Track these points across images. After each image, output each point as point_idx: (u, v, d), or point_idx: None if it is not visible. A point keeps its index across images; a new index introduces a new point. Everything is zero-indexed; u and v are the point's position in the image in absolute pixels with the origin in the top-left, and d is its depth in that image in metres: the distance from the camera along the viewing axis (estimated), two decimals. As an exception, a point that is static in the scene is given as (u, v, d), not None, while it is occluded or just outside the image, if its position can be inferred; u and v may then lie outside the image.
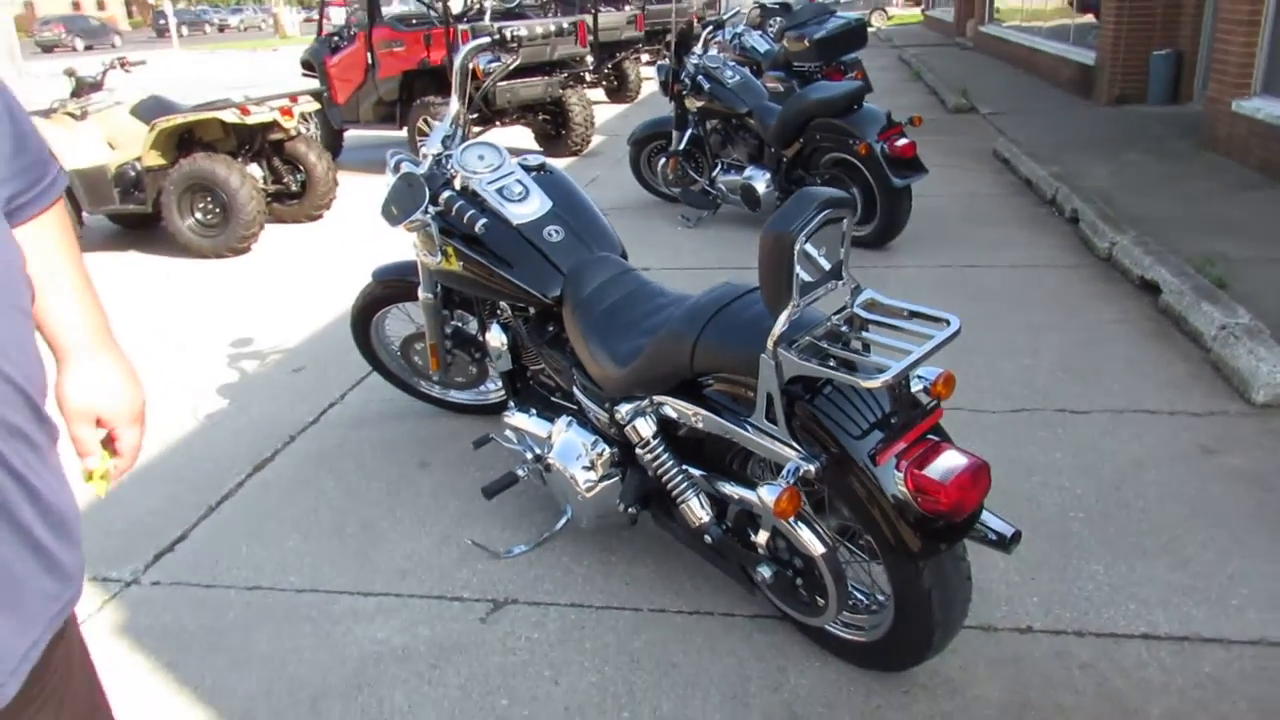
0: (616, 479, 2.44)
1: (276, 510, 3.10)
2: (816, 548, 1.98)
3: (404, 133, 8.68)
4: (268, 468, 3.39)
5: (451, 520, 2.98)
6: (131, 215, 6.73)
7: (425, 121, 8.34)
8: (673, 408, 2.21)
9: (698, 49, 6.26)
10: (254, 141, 6.59)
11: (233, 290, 5.60)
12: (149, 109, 6.47)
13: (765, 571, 2.13)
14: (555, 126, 9.19)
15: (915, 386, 1.99)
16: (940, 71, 13.60)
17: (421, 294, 3.04)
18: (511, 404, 2.81)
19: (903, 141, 5.13)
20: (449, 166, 2.74)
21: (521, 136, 9.82)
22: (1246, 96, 7.07)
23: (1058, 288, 4.74)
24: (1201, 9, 9.32)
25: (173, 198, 6.17)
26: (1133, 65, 9.87)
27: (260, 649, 2.44)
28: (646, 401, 2.26)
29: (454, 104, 2.88)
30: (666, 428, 2.29)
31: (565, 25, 8.60)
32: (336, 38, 9.13)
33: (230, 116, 6.11)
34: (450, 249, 2.66)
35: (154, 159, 6.25)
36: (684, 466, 2.25)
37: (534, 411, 2.71)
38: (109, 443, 1.34)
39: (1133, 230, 5.16)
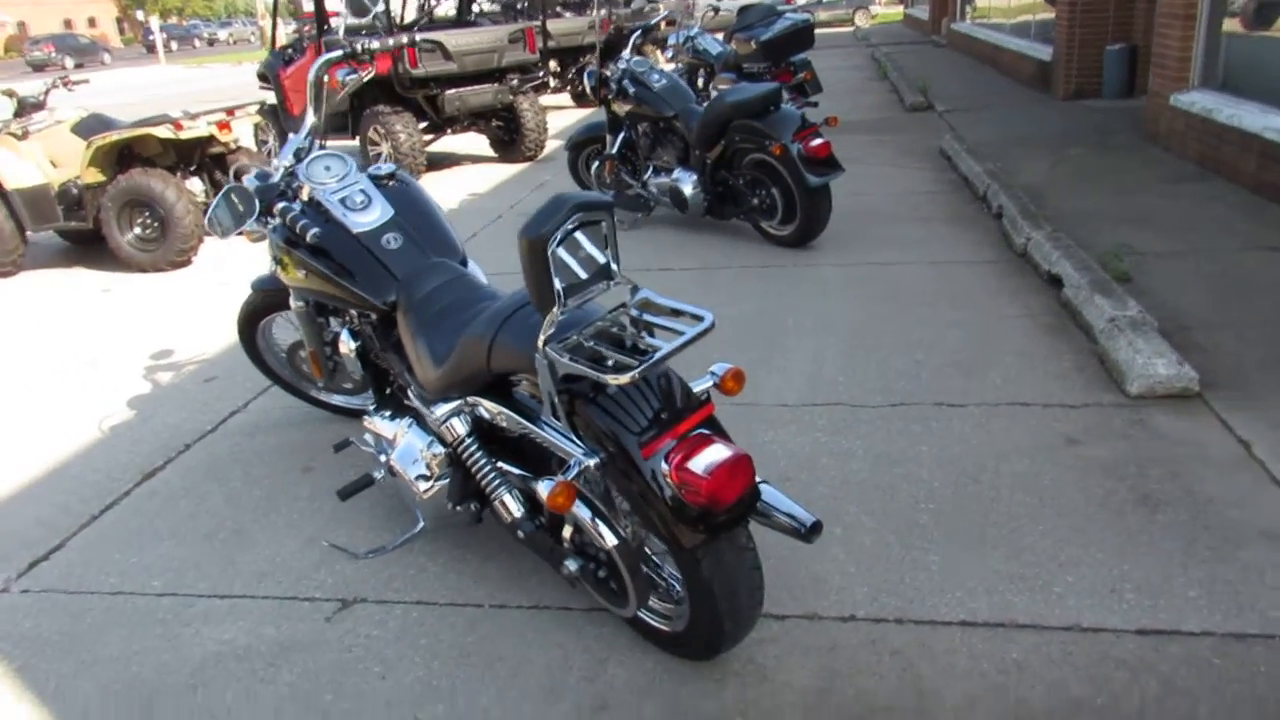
0: (449, 480, 2.49)
1: (156, 517, 3.16)
2: (609, 540, 2.03)
3: (356, 141, 8.74)
4: (157, 476, 3.45)
5: (323, 523, 3.03)
6: (77, 232, 6.80)
7: (375, 130, 8.41)
8: (485, 408, 2.27)
9: (625, 53, 6.32)
10: (193, 156, 6.66)
11: (167, 303, 5.67)
12: (89, 127, 6.54)
13: (571, 565, 2.19)
14: (508, 133, 9.27)
15: (704, 383, 2.05)
16: (907, 70, 13.65)
17: (293, 302, 3.09)
18: (371, 407, 2.87)
19: (817, 142, 5.18)
20: (298, 178, 2.80)
21: (477, 143, 9.90)
22: (1184, 90, 7.12)
23: (969, 283, 4.79)
24: (1154, 2, 9.37)
25: (111, 213, 6.25)
26: (1087, 60, 9.92)
27: (109, 652, 2.50)
28: (461, 402, 2.32)
29: (309, 117, 2.94)
30: (488, 428, 2.35)
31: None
32: (290, 50, 9.21)
33: (164, 132, 6.18)
34: (286, 259, 2.72)
35: (93, 176, 6.32)
36: (498, 464, 2.31)
37: (387, 414, 2.76)
38: None
39: (1049, 225, 5.21)
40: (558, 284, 1.81)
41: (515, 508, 2.26)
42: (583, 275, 1.86)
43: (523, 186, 8.17)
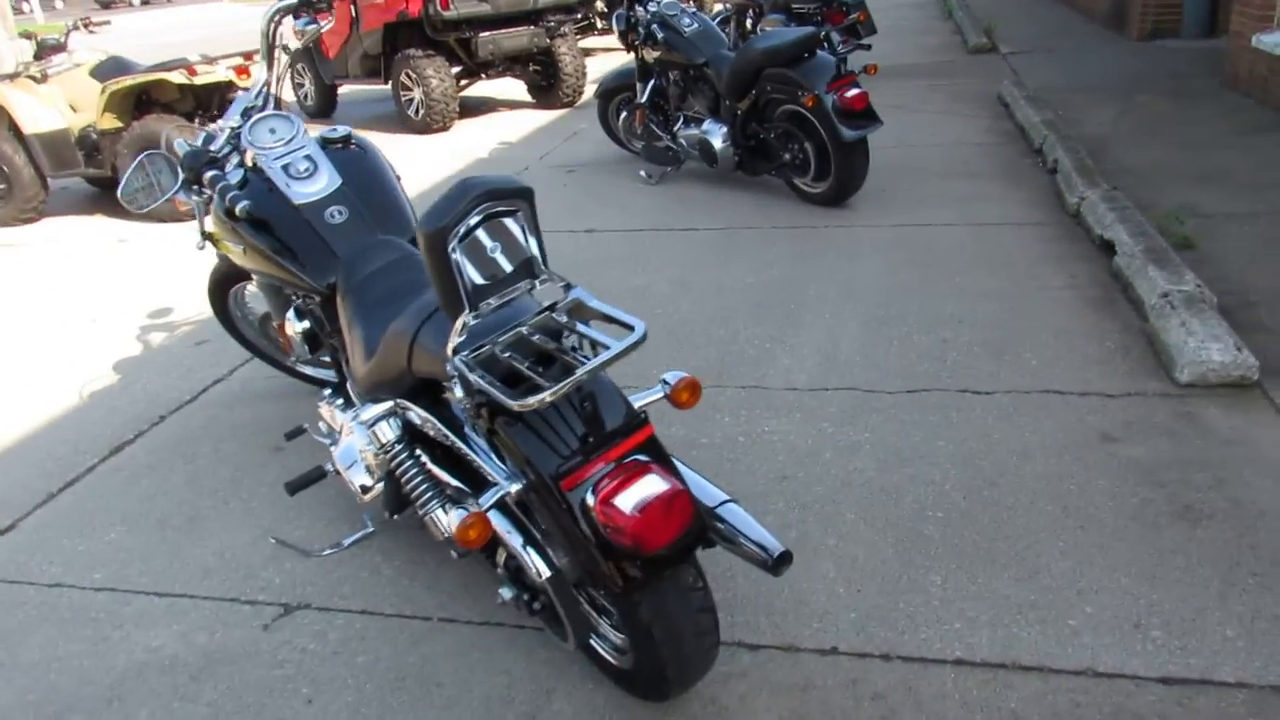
0: (385, 487, 2.26)
1: (114, 498, 3.00)
2: (542, 571, 1.78)
3: (389, 87, 8.48)
4: (125, 450, 3.29)
5: (282, 512, 2.84)
6: (99, 178, 6.69)
7: (407, 75, 8.14)
8: (415, 414, 2.02)
9: (656, -6, 5.91)
10: (212, 101, 6.46)
11: (179, 256, 5.51)
12: (107, 70, 6.37)
13: (505, 594, 1.94)
14: (546, 78, 8.92)
15: (653, 394, 1.78)
16: (977, 8, 12.89)
17: (255, 274, 2.87)
18: (327, 390, 2.64)
19: (853, 92, 4.78)
20: (242, 142, 2.54)
21: (515, 88, 9.57)
22: (1269, 30, 6.49)
23: (1012, 249, 4.39)
24: (1241, -68, 8.60)
25: (127, 160, 6.09)
26: (1167, -4, 9.19)
27: (32, 655, 2.34)
28: (392, 404, 2.07)
29: (261, 72, 2.68)
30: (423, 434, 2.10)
31: None
32: (324, -10, 8.92)
33: (178, 78, 5.99)
34: (220, 232, 2.48)
35: (109, 121, 6.18)
36: (432, 475, 2.06)
37: (340, 401, 2.53)
38: None
39: (1106, 183, 4.76)
40: (465, 284, 1.54)
41: (446, 526, 2.02)
42: (500, 272, 1.58)
43: (556, 135, 7.85)
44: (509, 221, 1.56)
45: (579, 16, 9.36)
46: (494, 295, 1.59)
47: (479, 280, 1.56)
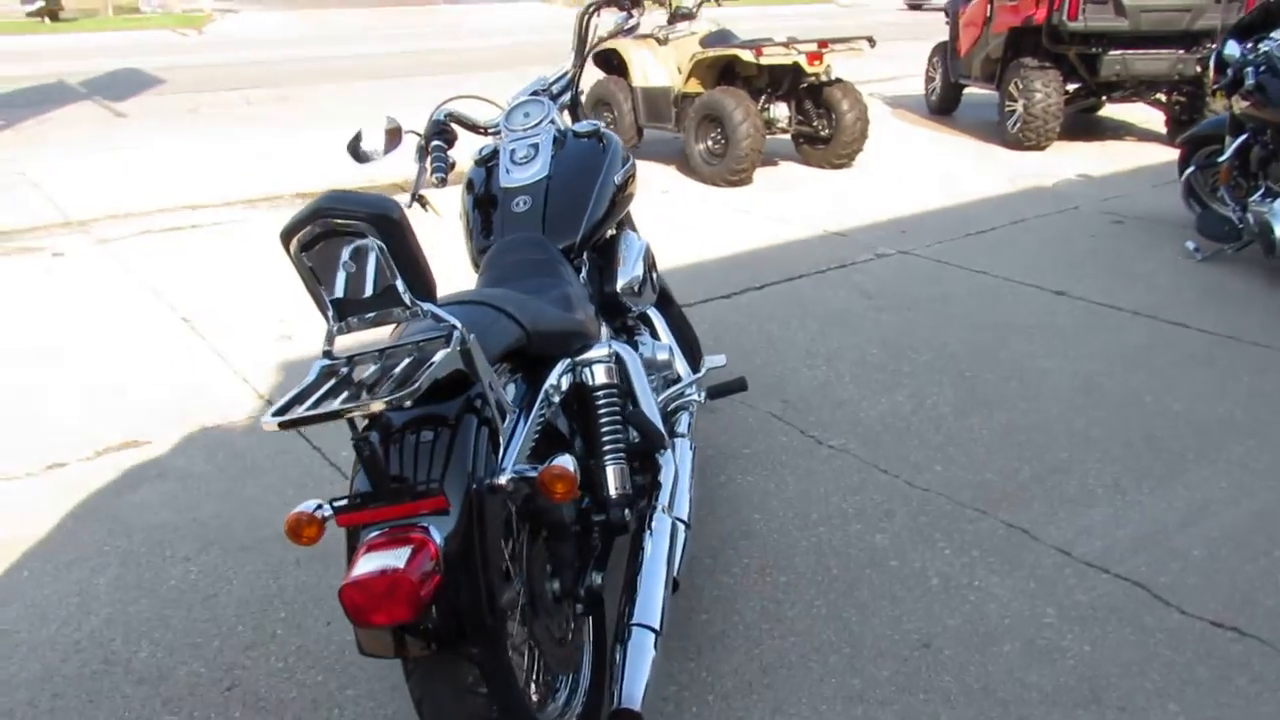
0: None
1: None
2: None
3: (997, 93, 7.96)
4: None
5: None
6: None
7: (1016, 84, 7.55)
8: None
9: (1277, 33, 4.63)
10: (781, 82, 6.75)
11: (699, 215, 5.95)
12: (712, 40, 7.01)
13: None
14: (1189, 111, 7.57)
15: (523, 470, 1.56)
16: None
17: None
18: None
19: None
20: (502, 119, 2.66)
21: (1154, 118, 8.28)
22: None
23: None
24: None
25: (692, 123, 6.71)
26: None
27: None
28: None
29: (570, 59, 2.77)
30: None
31: None
32: (974, -13, 8.62)
33: (747, 55, 6.37)
34: (422, 196, 2.61)
35: (692, 86, 6.83)
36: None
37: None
38: None
39: None
40: (323, 293, 1.50)
41: None
42: (361, 292, 1.50)
43: (1149, 179, 6.68)
44: (360, 243, 1.47)
45: None
46: (361, 314, 1.53)
47: (340, 293, 1.51)
